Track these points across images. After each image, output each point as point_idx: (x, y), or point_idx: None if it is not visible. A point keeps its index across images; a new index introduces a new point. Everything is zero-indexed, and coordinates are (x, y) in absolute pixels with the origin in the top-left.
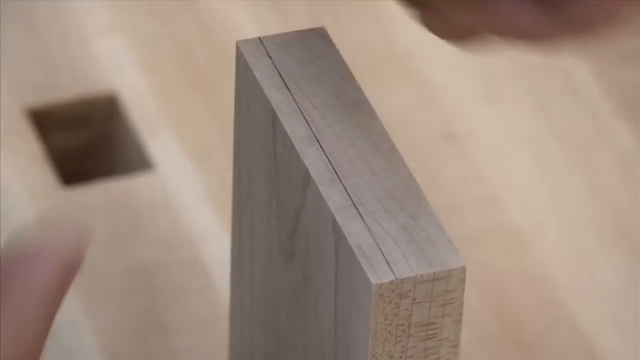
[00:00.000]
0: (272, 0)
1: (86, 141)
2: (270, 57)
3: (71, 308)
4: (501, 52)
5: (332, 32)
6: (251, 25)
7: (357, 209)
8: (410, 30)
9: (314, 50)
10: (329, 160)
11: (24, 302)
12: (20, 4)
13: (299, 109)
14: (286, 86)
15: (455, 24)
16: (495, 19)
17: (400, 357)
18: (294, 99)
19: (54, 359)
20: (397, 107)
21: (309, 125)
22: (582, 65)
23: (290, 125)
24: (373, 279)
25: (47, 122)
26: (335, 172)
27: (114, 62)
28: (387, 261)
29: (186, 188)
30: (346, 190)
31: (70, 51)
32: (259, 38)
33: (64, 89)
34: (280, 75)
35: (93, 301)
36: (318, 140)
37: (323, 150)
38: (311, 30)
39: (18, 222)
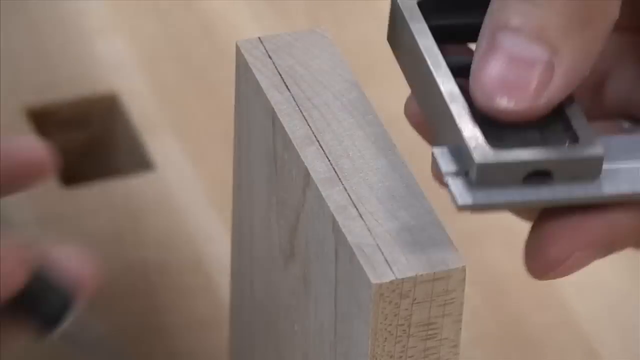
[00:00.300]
0: (272, 0)
1: (86, 141)
2: (270, 57)
3: None
4: None
5: (332, 32)
6: (251, 25)
7: (357, 209)
8: None
9: (314, 50)
10: (329, 160)
11: None
12: (20, 4)
13: (299, 109)
14: (286, 86)
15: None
16: None
17: (400, 357)
18: (294, 99)
19: (53, 359)
20: (397, 107)
21: (309, 125)
22: None
23: (290, 125)
24: (373, 279)
25: (47, 122)
26: (335, 172)
27: (114, 62)
28: (387, 261)
29: (186, 188)
30: (346, 190)
31: (70, 51)
32: (259, 38)
33: (64, 89)
34: (280, 75)
35: (92, 301)
36: (318, 140)
37: (323, 150)
38: (311, 30)
39: (18, 222)
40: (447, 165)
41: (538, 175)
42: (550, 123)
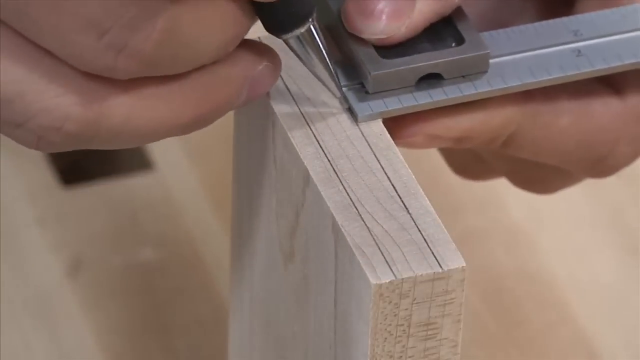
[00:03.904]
0: None
1: None
2: None
3: (71, 308)
4: None
5: None
6: None
7: (357, 209)
8: None
9: None
10: (329, 160)
11: None
12: None
13: (299, 108)
14: (285, 86)
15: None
16: None
17: (400, 357)
18: (293, 98)
19: (53, 359)
20: None
21: (308, 125)
22: None
23: (289, 125)
24: (373, 279)
25: None
26: (335, 172)
27: None
28: (387, 261)
29: (186, 188)
30: (346, 190)
31: None
32: (259, 38)
33: None
34: (280, 75)
35: (92, 301)
36: (318, 140)
37: (323, 150)
38: None
39: (18, 222)
40: (343, 78)
41: (430, 78)
42: (438, 30)
